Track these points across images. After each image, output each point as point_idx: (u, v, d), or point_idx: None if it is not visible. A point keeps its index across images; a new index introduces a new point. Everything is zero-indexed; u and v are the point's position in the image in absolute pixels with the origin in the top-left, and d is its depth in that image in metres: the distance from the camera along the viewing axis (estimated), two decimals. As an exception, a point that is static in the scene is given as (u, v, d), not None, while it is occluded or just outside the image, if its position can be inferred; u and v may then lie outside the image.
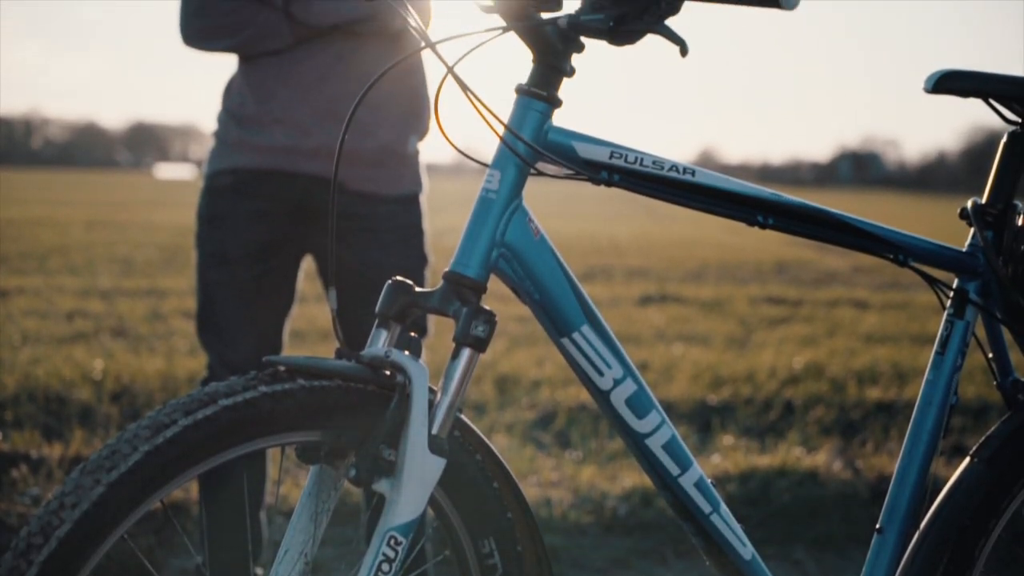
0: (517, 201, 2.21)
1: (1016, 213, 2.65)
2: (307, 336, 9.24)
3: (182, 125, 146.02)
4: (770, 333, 10.41)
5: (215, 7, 3.77)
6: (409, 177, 3.91)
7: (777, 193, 2.37)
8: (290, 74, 3.79)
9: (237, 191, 3.83)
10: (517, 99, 2.23)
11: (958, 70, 2.67)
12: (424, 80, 3.95)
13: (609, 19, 2.07)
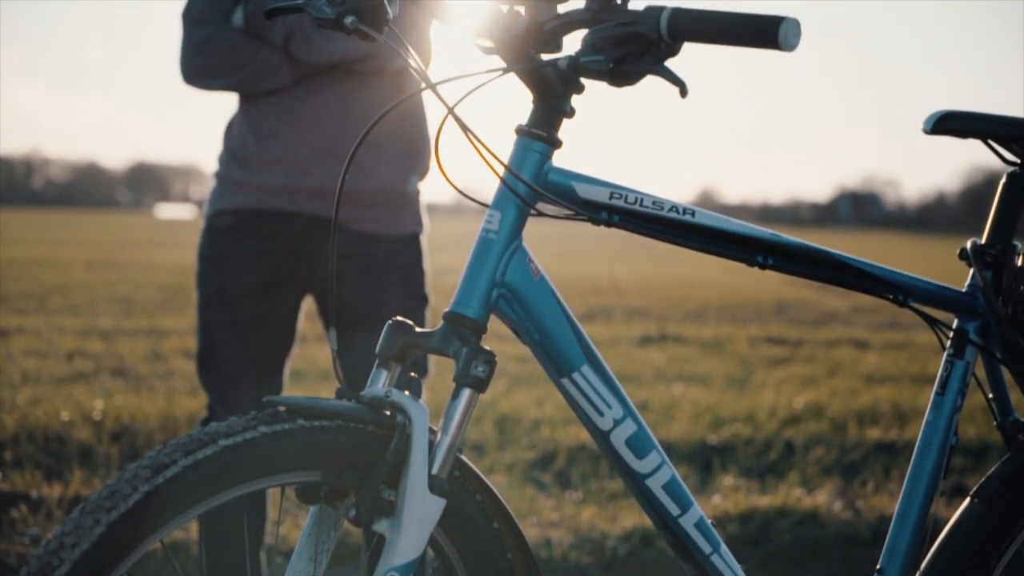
0: (517, 241, 2.22)
1: (1015, 253, 2.65)
2: (307, 376, 9.23)
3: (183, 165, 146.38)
4: (770, 373, 10.40)
5: (215, 46, 3.79)
6: (410, 217, 3.91)
7: (777, 233, 2.37)
8: (291, 114, 3.80)
9: (238, 231, 3.83)
10: (517, 140, 2.23)
11: (957, 111, 2.67)
12: (424, 120, 3.96)
13: (609, 60, 2.07)
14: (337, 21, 2.27)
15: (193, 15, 3.84)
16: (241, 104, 3.91)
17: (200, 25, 3.82)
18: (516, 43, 2.18)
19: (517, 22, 2.18)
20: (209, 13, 3.82)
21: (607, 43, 2.08)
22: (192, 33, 3.83)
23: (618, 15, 2.10)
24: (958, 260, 2.71)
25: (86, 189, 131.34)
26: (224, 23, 3.82)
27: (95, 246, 33.31)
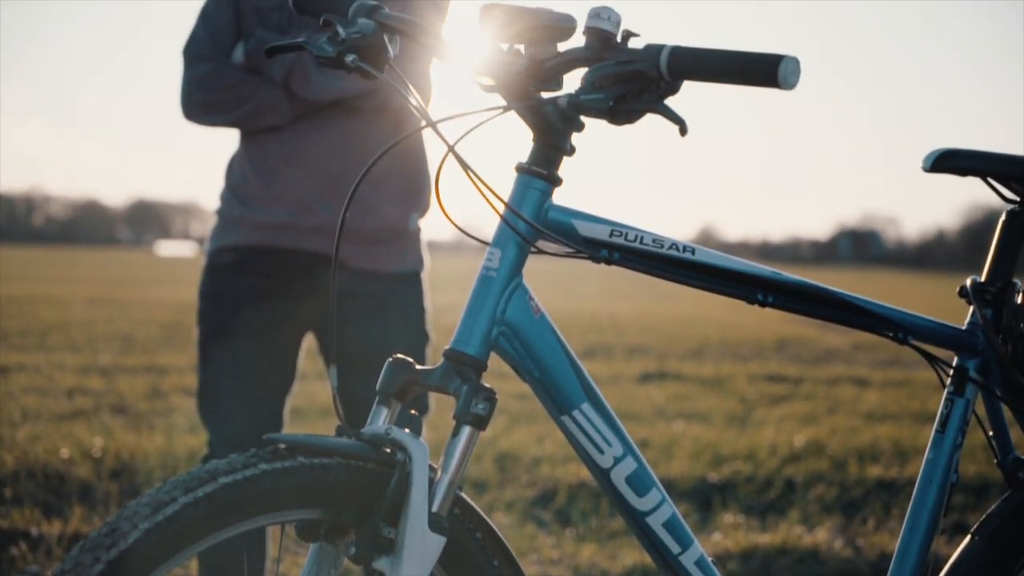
0: (517, 279, 2.22)
1: (1015, 291, 2.65)
2: (307, 413, 9.22)
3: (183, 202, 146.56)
4: (771, 411, 10.39)
5: (216, 82, 3.80)
6: (411, 255, 3.92)
7: (777, 271, 2.38)
8: (292, 151, 3.81)
9: (239, 268, 3.84)
10: (517, 177, 2.24)
11: (956, 149, 2.68)
12: (425, 158, 3.97)
13: (609, 99, 2.08)
14: (338, 59, 2.28)
15: (194, 51, 3.85)
16: (242, 141, 3.92)
17: (201, 61, 3.83)
18: (516, 81, 2.18)
19: (517, 60, 2.18)
20: (210, 50, 3.84)
21: (607, 81, 2.09)
22: (193, 69, 3.84)
23: (618, 53, 2.10)
24: (958, 298, 2.71)
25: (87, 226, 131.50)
26: (225, 60, 3.83)
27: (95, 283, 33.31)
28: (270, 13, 3.83)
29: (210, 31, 3.86)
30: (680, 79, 2.08)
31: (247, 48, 3.81)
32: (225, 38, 3.85)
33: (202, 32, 3.87)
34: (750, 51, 2.01)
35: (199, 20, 3.90)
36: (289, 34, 3.75)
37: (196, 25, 3.89)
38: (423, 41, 2.32)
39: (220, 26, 3.86)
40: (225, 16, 3.86)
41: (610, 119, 2.11)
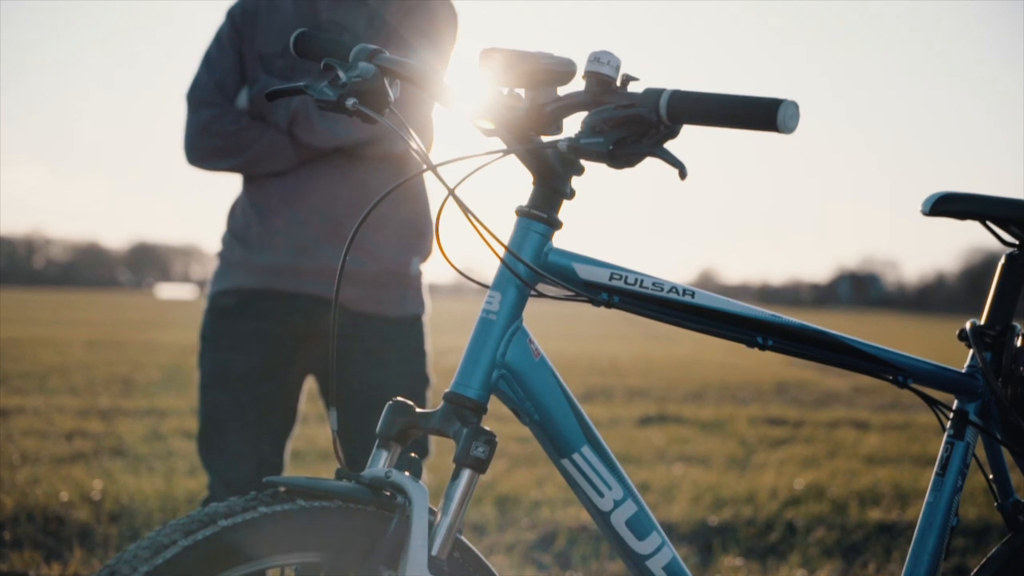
0: (517, 322, 2.22)
1: (1015, 334, 2.66)
2: (308, 456, 9.20)
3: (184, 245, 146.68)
4: (771, 454, 10.37)
5: (220, 127, 3.81)
6: (411, 298, 3.92)
7: (776, 314, 2.38)
8: (293, 195, 3.82)
9: (240, 311, 3.84)
10: (517, 221, 2.25)
11: (955, 193, 2.69)
12: (426, 202, 3.97)
13: (608, 143, 2.08)
14: (339, 103, 2.28)
15: (197, 97, 3.87)
16: (244, 185, 3.93)
17: (204, 107, 3.84)
18: (516, 125, 2.19)
19: (517, 104, 2.19)
20: (213, 95, 3.85)
21: (607, 125, 2.10)
22: (196, 115, 3.85)
23: (617, 98, 2.11)
24: (958, 341, 2.72)
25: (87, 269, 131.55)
26: (228, 105, 3.84)
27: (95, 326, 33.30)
28: (273, 59, 3.84)
29: (213, 76, 3.87)
30: (679, 123, 2.08)
31: (251, 94, 3.82)
32: (228, 83, 3.87)
33: (205, 77, 3.88)
34: (749, 95, 2.01)
35: (202, 65, 3.91)
36: (292, 79, 3.76)
37: (199, 70, 3.91)
38: (423, 85, 2.33)
39: (223, 71, 3.87)
40: (228, 61, 3.87)
41: (610, 163, 2.11)
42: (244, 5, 3.94)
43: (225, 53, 3.89)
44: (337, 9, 3.88)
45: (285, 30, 3.83)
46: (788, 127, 1.99)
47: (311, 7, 3.90)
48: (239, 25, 3.91)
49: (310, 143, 3.77)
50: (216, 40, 3.93)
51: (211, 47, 3.93)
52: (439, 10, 3.92)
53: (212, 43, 3.93)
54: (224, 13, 3.96)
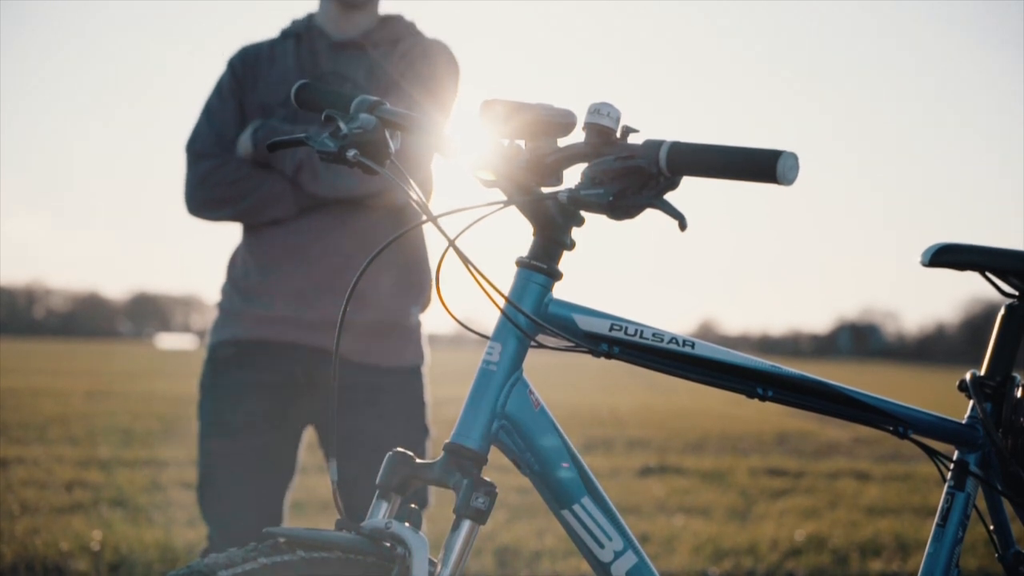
0: (518, 373, 2.23)
1: (1015, 385, 2.66)
2: (308, 507, 9.18)
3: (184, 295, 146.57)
4: (771, 505, 10.35)
5: (219, 177, 3.82)
6: (411, 349, 3.92)
7: (777, 365, 2.38)
8: (293, 246, 3.82)
9: (239, 361, 3.84)
10: (518, 272, 2.25)
11: (954, 244, 2.69)
12: (425, 252, 3.98)
13: (608, 194, 2.09)
14: (339, 155, 2.29)
15: (196, 148, 3.88)
16: (244, 235, 3.94)
17: (204, 159, 3.86)
18: (517, 176, 2.19)
19: (518, 155, 2.19)
20: (212, 147, 3.87)
21: (607, 177, 2.10)
22: (196, 167, 3.87)
23: (618, 149, 2.12)
24: (958, 392, 2.71)
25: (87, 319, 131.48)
26: (227, 155, 3.85)
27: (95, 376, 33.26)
28: (274, 109, 3.86)
29: (213, 128, 3.89)
30: (679, 175, 2.09)
31: (256, 139, 3.82)
32: (228, 134, 3.88)
33: (205, 128, 3.90)
34: (748, 147, 2.02)
35: (202, 116, 3.93)
36: (293, 129, 3.77)
37: (200, 121, 3.92)
38: (424, 137, 2.34)
39: (223, 122, 3.89)
40: (228, 112, 3.89)
41: (610, 214, 2.12)
42: (245, 55, 3.96)
43: (226, 104, 3.90)
44: (338, 60, 3.90)
45: (286, 80, 3.85)
46: (788, 179, 1.99)
47: (312, 58, 3.92)
48: (240, 75, 3.92)
49: (314, 193, 3.78)
50: (217, 90, 3.94)
51: (212, 98, 3.94)
52: (440, 61, 3.93)
53: (213, 93, 3.95)
54: (225, 63, 3.98)
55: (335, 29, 3.96)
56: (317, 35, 3.97)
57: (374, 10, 4.00)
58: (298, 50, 3.96)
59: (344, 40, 3.95)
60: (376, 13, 4.01)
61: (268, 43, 4.00)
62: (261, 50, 3.99)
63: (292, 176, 3.79)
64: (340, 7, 3.94)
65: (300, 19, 4.05)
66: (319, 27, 3.99)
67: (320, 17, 4.00)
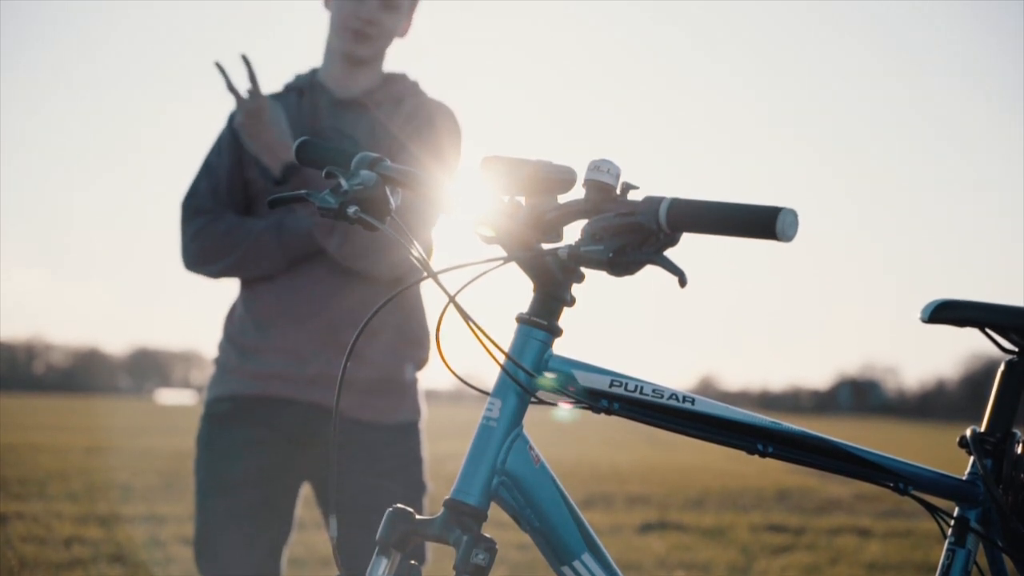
0: (518, 429, 2.22)
1: (1015, 441, 2.65)
2: (306, 564, 9.15)
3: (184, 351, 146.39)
4: (772, 561, 10.31)
5: (211, 229, 3.84)
6: (408, 405, 3.93)
7: (777, 421, 2.38)
8: (290, 302, 3.83)
9: (237, 418, 3.84)
10: (518, 328, 2.25)
11: (954, 300, 2.69)
12: (423, 308, 3.99)
13: (608, 250, 2.09)
14: (340, 211, 2.29)
15: (192, 205, 3.90)
16: (241, 291, 3.95)
17: (198, 215, 3.88)
18: (517, 232, 2.20)
19: (518, 212, 2.20)
20: (208, 202, 3.88)
21: (607, 233, 2.11)
22: (191, 223, 3.88)
23: (618, 205, 2.12)
24: (958, 448, 2.71)
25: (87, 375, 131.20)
26: (221, 210, 3.87)
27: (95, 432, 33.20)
28: (275, 165, 3.87)
29: (211, 184, 3.90)
30: (679, 231, 2.09)
31: None
32: (224, 189, 3.90)
33: (203, 185, 3.91)
34: (748, 204, 2.02)
35: (201, 171, 3.94)
36: (293, 184, 3.78)
37: (198, 177, 3.94)
38: (425, 193, 2.35)
39: (220, 178, 3.90)
40: (225, 167, 3.90)
41: (610, 270, 2.12)
42: (246, 110, 3.98)
43: (223, 159, 3.92)
44: (340, 117, 3.92)
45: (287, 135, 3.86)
46: (787, 235, 1.99)
47: (313, 113, 3.93)
48: (241, 130, 3.94)
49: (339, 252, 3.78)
50: (216, 145, 3.96)
51: (211, 153, 3.96)
52: (443, 123, 3.95)
53: (212, 149, 3.97)
54: (227, 117, 4.00)
55: (338, 86, 3.98)
56: (320, 91, 3.99)
57: (378, 68, 4.02)
58: (300, 105, 3.97)
59: (346, 98, 3.96)
60: (380, 71, 4.03)
61: (270, 97, 4.02)
62: (263, 104, 4.00)
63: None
64: (344, 64, 3.96)
65: (304, 74, 4.07)
66: (322, 83, 4.00)
67: (324, 73, 4.02)
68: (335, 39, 3.97)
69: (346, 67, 3.97)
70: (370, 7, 3.90)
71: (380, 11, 3.92)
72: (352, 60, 3.95)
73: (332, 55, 4.00)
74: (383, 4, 3.91)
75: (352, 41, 3.92)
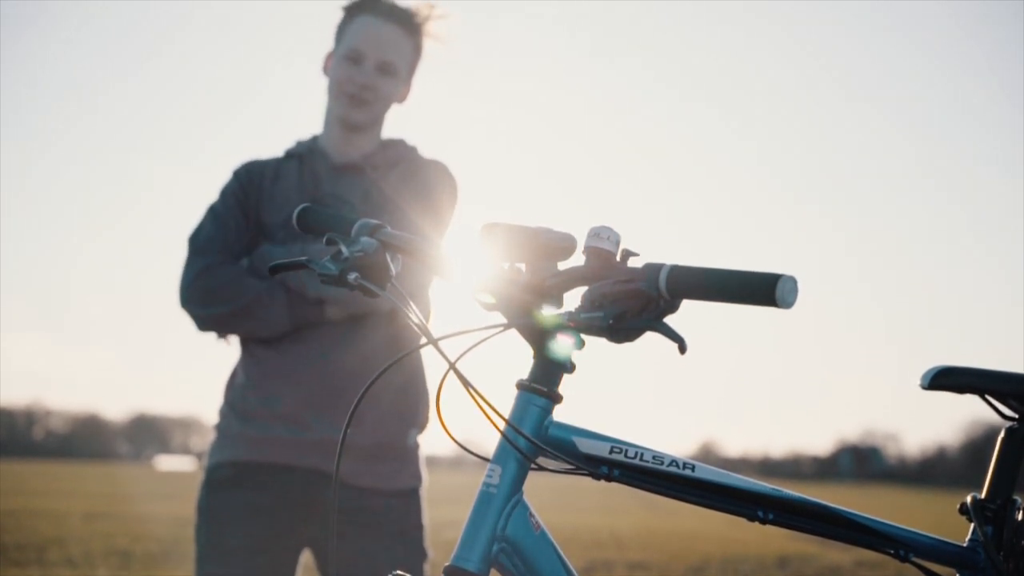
0: (518, 496, 2.22)
1: (1016, 508, 2.65)
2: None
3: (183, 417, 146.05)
4: (774, 629, 10.27)
5: (217, 271, 3.83)
6: (408, 471, 3.92)
7: (777, 488, 2.38)
8: (290, 368, 3.83)
9: (237, 483, 3.84)
10: (518, 394, 2.25)
11: (953, 367, 2.69)
12: (423, 374, 3.99)
13: (608, 317, 2.09)
14: (340, 277, 2.30)
15: (199, 243, 3.89)
16: (242, 356, 3.95)
17: (206, 254, 3.87)
18: (517, 299, 2.20)
19: (518, 278, 2.21)
20: (214, 244, 3.88)
21: (607, 300, 2.11)
22: (196, 259, 3.87)
23: (617, 272, 2.13)
24: (959, 514, 2.71)
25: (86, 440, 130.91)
26: (228, 256, 3.87)
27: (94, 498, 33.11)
28: (275, 229, 3.88)
29: (217, 228, 3.91)
30: (679, 298, 2.10)
31: (251, 263, 3.85)
32: (231, 239, 3.90)
33: (209, 226, 3.92)
34: (748, 271, 2.03)
35: (208, 214, 3.95)
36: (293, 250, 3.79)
37: (204, 219, 3.94)
38: (425, 260, 2.35)
39: (226, 227, 3.91)
40: (232, 218, 3.91)
41: (610, 337, 2.12)
42: (250, 171, 4.00)
43: (230, 211, 3.93)
44: (338, 182, 3.93)
45: (287, 200, 3.88)
46: (787, 302, 2.00)
47: (314, 179, 3.95)
48: (245, 187, 3.96)
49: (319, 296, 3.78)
50: (222, 197, 3.97)
51: (217, 203, 3.97)
52: (438, 179, 3.97)
53: (218, 199, 3.98)
54: (231, 174, 4.01)
55: (337, 151, 4.00)
56: (319, 157, 4.01)
57: (376, 133, 4.04)
58: (300, 171, 3.99)
59: (344, 163, 3.98)
60: (379, 137, 4.05)
61: (273, 162, 4.04)
62: (266, 168, 4.02)
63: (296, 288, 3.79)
64: (342, 130, 3.99)
65: (304, 140, 4.09)
66: (322, 149, 4.02)
67: (324, 139, 4.04)
68: (333, 104, 4.00)
69: (344, 133, 3.99)
70: (366, 72, 3.93)
71: (376, 76, 3.94)
72: (349, 126, 3.97)
73: (331, 121, 4.03)
74: (379, 69, 3.94)
75: (348, 106, 3.94)
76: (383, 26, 3.96)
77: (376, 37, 3.95)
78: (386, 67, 3.94)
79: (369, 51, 3.94)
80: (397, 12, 3.99)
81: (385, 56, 3.95)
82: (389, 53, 3.95)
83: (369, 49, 3.94)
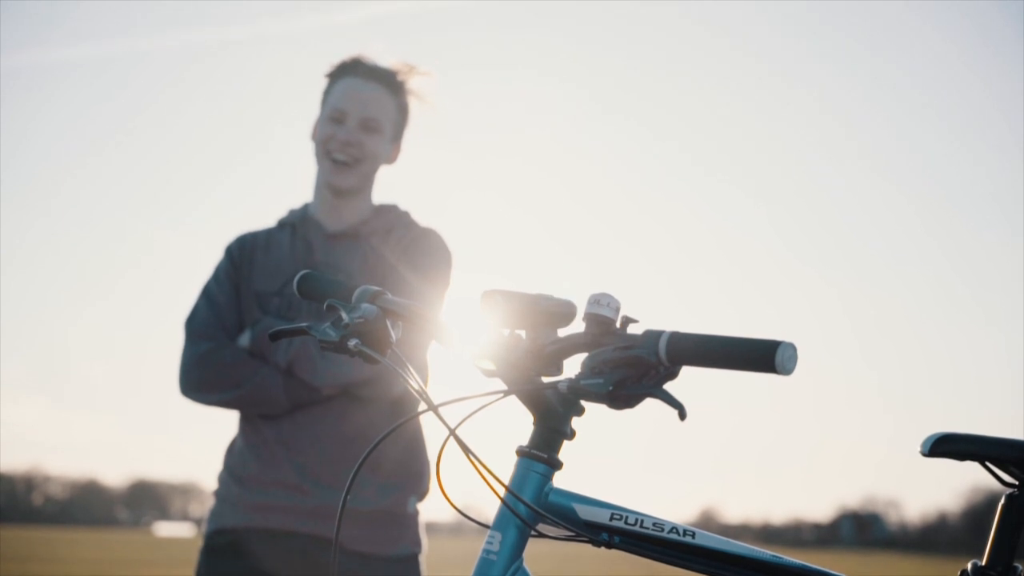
0: (518, 562, 2.21)
1: (1016, 575, 2.64)
2: None
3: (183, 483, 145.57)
4: None
5: (216, 359, 3.84)
6: (408, 537, 3.91)
7: (778, 555, 2.37)
8: (290, 435, 3.83)
9: (236, 550, 3.83)
10: (518, 461, 2.25)
11: (953, 434, 2.69)
12: (423, 440, 3.99)
13: (608, 383, 2.09)
14: (341, 344, 2.30)
15: (196, 327, 3.90)
16: (241, 424, 3.95)
17: (203, 339, 3.88)
18: (517, 366, 2.21)
19: (518, 345, 2.21)
20: (211, 327, 3.89)
21: (607, 366, 2.11)
22: (194, 346, 3.88)
23: (617, 339, 2.13)
24: (960, 582, 2.70)
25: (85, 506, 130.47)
26: (225, 339, 3.87)
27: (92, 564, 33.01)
28: (270, 298, 3.89)
29: (213, 310, 3.91)
30: (679, 365, 2.10)
31: (253, 333, 3.85)
32: (227, 318, 3.90)
33: (205, 310, 3.92)
34: (747, 337, 2.03)
35: (202, 296, 3.96)
36: (289, 318, 3.80)
37: (199, 302, 3.95)
38: (426, 327, 2.36)
39: (221, 307, 3.92)
40: (226, 297, 3.92)
41: (609, 404, 2.12)
42: (242, 244, 4.01)
43: (223, 289, 3.94)
44: (332, 251, 3.94)
45: (281, 270, 3.89)
46: (786, 369, 2.00)
47: (306, 248, 3.95)
48: (237, 262, 3.97)
49: (312, 383, 3.79)
50: (215, 276, 3.98)
51: (210, 282, 3.98)
52: (433, 248, 3.98)
53: (211, 279, 3.99)
54: (223, 250, 4.03)
55: (329, 219, 4.00)
56: (312, 226, 4.01)
57: (367, 199, 4.04)
58: (293, 240, 3.99)
59: (338, 231, 3.98)
60: (370, 202, 4.05)
61: (265, 232, 4.05)
62: (258, 239, 4.03)
63: (286, 367, 3.80)
64: (331, 196, 3.99)
65: (296, 209, 4.10)
66: (314, 217, 4.02)
67: (314, 207, 4.04)
68: (320, 170, 4.01)
69: (333, 199, 3.99)
70: (349, 129, 3.94)
71: (360, 133, 3.95)
72: (337, 192, 3.97)
73: (320, 188, 4.03)
74: (362, 126, 3.95)
75: (332, 172, 3.95)
76: (364, 85, 3.98)
77: (358, 96, 3.97)
78: (369, 124, 3.96)
79: (351, 109, 3.96)
80: (378, 72, 4.02)
81: (367, 113, 3.96)
82: (371, 110, 3.97)
83: (351, 107, 3.96)
